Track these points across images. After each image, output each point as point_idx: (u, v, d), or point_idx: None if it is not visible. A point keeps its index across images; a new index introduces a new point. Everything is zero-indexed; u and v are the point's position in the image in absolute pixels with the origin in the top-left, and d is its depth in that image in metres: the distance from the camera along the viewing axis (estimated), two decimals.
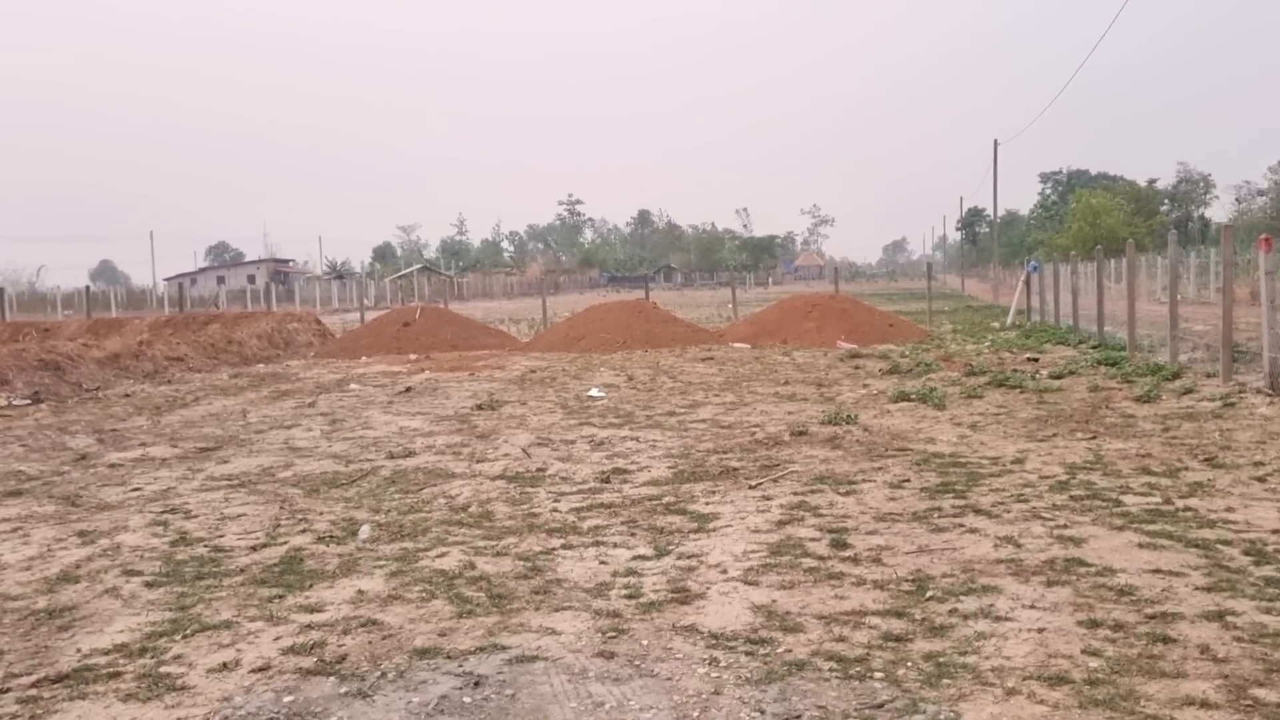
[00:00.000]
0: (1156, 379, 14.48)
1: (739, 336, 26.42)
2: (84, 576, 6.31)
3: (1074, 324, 24.97)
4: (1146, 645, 4.51)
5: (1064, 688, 4.08)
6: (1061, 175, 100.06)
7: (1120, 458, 9.06)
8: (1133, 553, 6.00)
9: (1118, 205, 67.87)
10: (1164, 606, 5.01)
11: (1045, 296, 30.32)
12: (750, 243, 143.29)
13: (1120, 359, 17.20)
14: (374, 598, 5.64)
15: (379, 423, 13.32)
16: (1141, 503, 7.29)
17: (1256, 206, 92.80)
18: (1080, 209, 67.44)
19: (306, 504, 8.31)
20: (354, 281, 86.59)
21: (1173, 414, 11.75)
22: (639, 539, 6.82)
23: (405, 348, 25.68)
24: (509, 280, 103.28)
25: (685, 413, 13.33)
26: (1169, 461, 8.82)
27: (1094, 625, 4.78)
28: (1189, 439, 9.92)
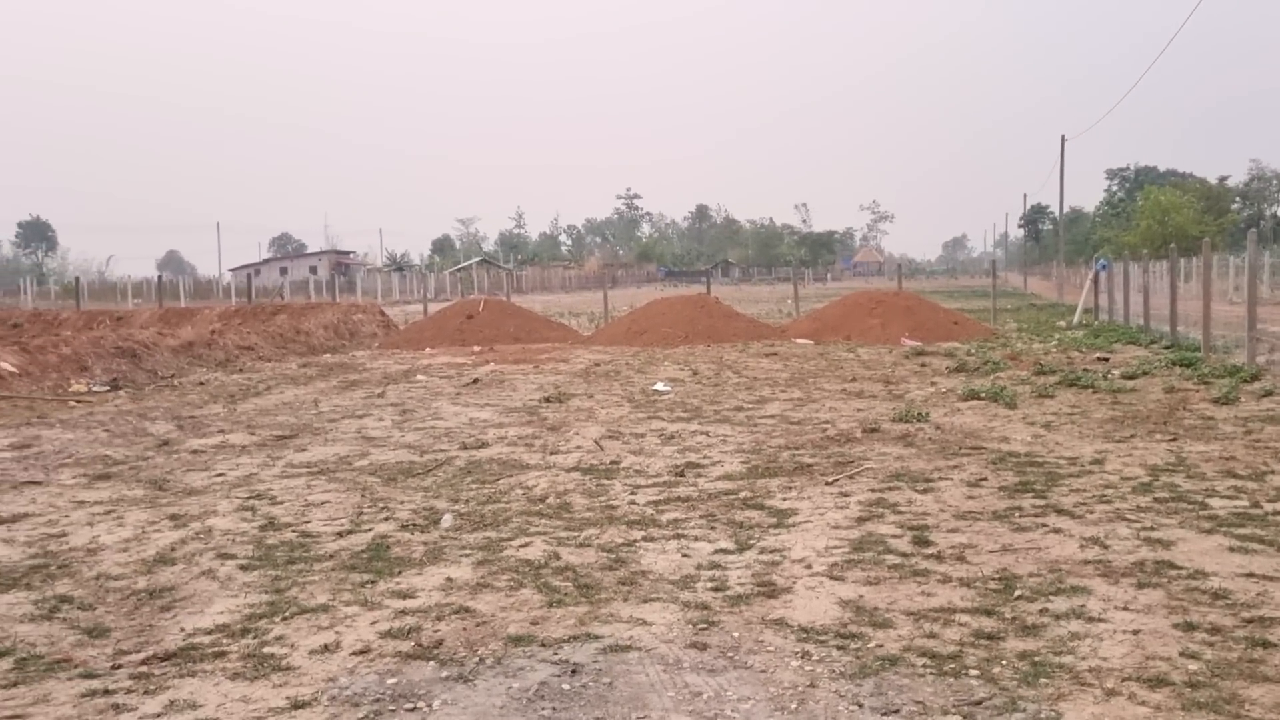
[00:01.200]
0: (1234, 381, 14.19)
1: (802, 332, 26.32)
2: (180, 559, 6.49)
3: (1145, 324, 24.54)
4: (1246, 649, 4.46)
5: (1164, 689, 4.06)
6: (1129, 172, 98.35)
7: (1203, 460, 8.92)
8: (1224, 556, 5.92)
9: (1187, 203, 66.50)
10: (1261, 611, 4.95)
11: (1114, 295, 29.82)
12: (809, 238, 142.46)
13: (1195, 360, 16.88)
14: (463, 585, 5.73)
15: (449, 414, 13.48)
16: (1229, 506, 7.18)
17: None
18: (1148, 206, 66.22)
19: (386, 493, 8.45)
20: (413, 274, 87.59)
21: (1254, 416, 11.52)
22: (719, 533, 6.86)
23: (469, 340, 25.92)
24: (566, 274, 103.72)
25: (753, 408, 13.34)
26: (1254, 465, 8.67)
27: (1190, 628, 4.74)
28: (1273, 442, 9.73)
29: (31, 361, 17.28)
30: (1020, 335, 26.35)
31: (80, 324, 30.31)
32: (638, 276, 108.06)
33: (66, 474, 9.61)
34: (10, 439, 11.74)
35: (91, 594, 5.83)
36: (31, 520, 7.68)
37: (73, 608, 5.59)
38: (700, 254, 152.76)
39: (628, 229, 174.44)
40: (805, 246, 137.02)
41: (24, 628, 5.27)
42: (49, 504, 8.26)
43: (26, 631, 5.21)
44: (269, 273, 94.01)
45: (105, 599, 5.76)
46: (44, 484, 9.15)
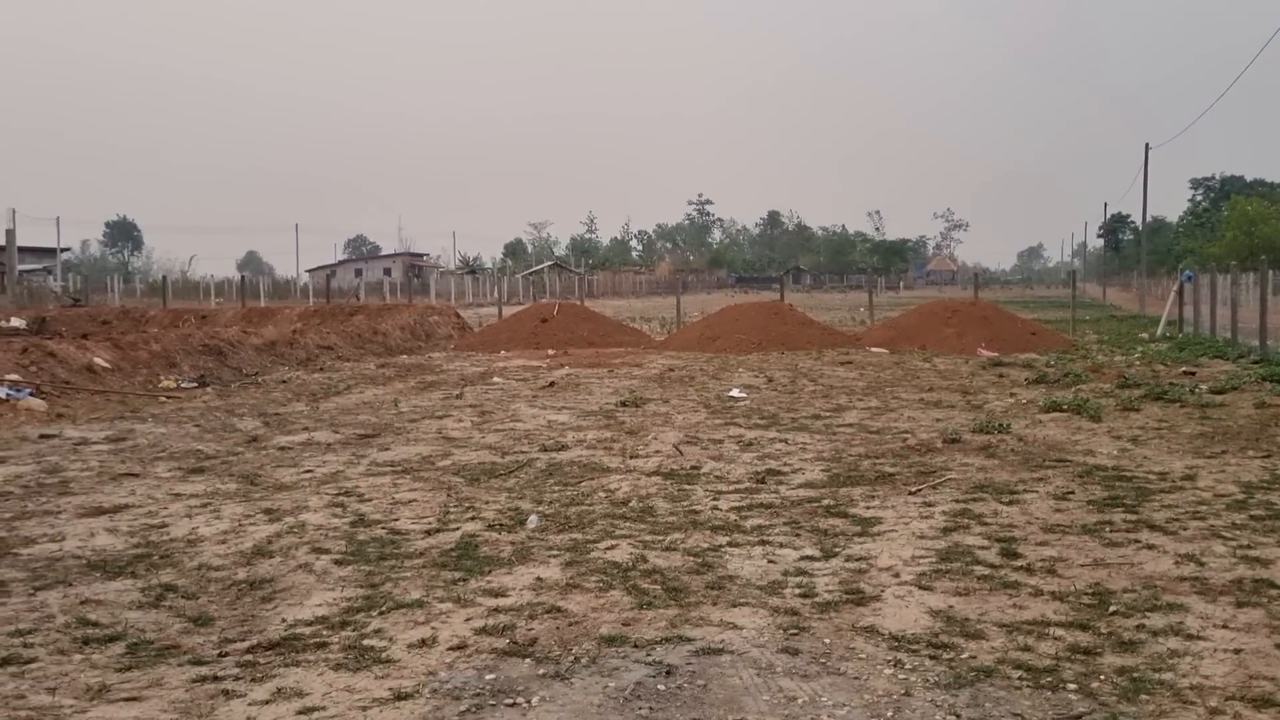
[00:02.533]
0: None
1: (876, 341, 26.12)
2: (276, 552, 6.67)
3: (1232, 337, 23.93)
4: None
5: (1270, 710, 3.99)
6: (1214, 181, 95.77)
7: None
8: None
9: (1276, 213, 64.59)
10: None
11: (1199, 308, 29.13)
12: (882, 246, 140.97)
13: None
14: (553, 585, 5.82)
15: (527, 416, 13.63)
16: None
17: None
18: (1235, 217, 64.43)
19: (471, 493, 8.59)
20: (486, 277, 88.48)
21: None
22: (804, 540, 6.87)
23: (543, 343, 26.14)
24: (637, 279, 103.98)
25: (830, 416, 13.29)
26: None
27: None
28: None
29: (123, 357, 17.82)
30: (1101, 347, 25.85)
31: (167, 321, 31.16)
32: (708, 282, 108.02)
33: (162, 467, 9.91)
34: (106, 432, 12.13)
35: (194, 583, 6.03)
36: (133, 511, 7.94)
37: (177, 596, 5.78)
38: (771, 260, 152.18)
39: (699, 235, 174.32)
40: (878, 254, 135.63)
41: (133, 614, 5.46)
42: (148, 495, 8.53)
43: (136, 618, 5.40)
44: (344, 274, 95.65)
45: (207, 588, 5.94)
46: (141, 476, 9.45)
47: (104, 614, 5.45)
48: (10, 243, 64.76)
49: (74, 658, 4.83)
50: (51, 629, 5.21)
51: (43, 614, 5.45)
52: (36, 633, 5.15)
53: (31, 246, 78.51)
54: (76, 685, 4.49)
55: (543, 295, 70.74)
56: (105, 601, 5.66)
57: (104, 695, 4.38)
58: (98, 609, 5.53)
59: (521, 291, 74.62)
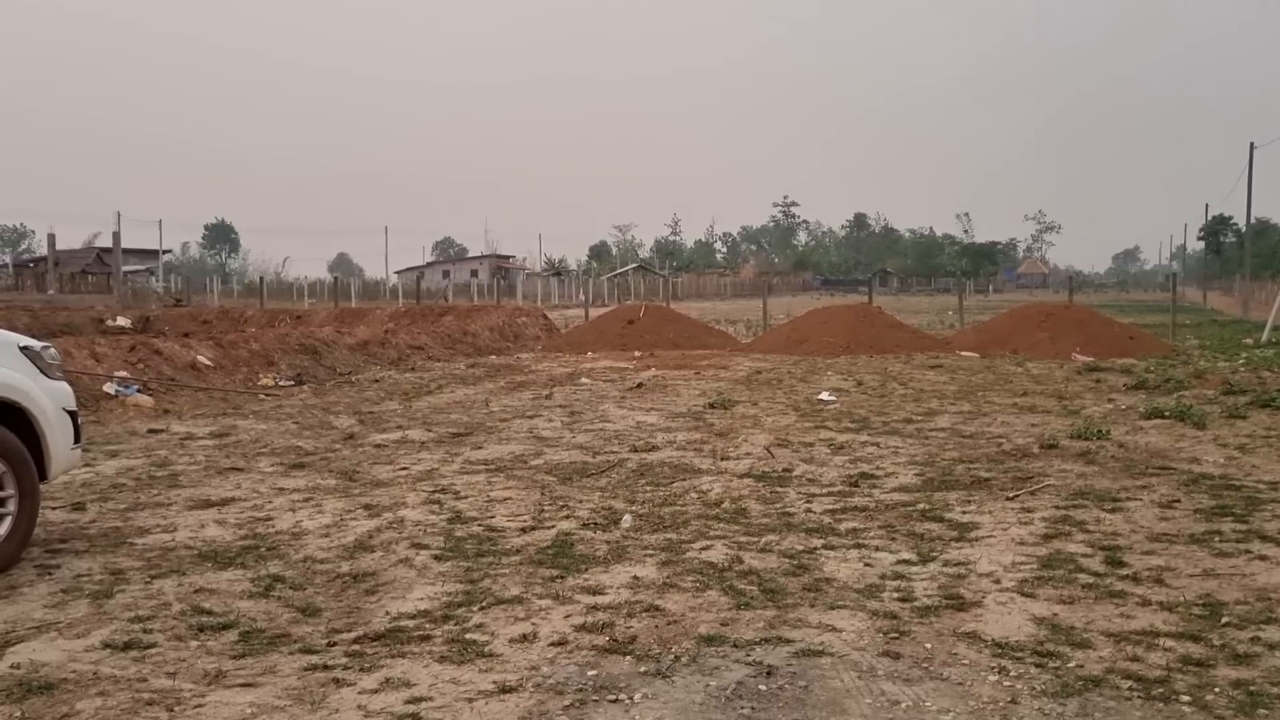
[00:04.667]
0: None
1: (967, 345, 25.70)
2: (378, 546, 6.82)
3: None
4: None
5: None
6: None
7: None
8: None
9: None
10: None
11: None
12: (971, 249, 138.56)
13: None
14: (649, 584, 5.85)
15: (616, 416, 13.70)
16: None
17: None
18: None
19: (564, 491, 8.67)
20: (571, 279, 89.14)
21: None
22: (900, 544, 6.80)
23: (629, 345, 26.24)
24: (722, 281, 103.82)
25: (922, 420, 13.12)
26: None
27: None
28: None
29: (225, 356, 18.36)
30: (1203, 353, 25.10)
31: (263, 321, 32.01)
32: (793, 285, 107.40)
33: (264, 462, 10.19)
34: (211, 428, 12.51)
35: (300, 575, 6.19)
36: (239, 504, 8.19)
37: (285, 587, 5.94)
38: (858, 263, 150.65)
39: (784, 237, 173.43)
40: (966, 257, 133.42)
41: (244, 604, 5.64)
42: (252, 490, 8.79)
43: (247, 607, 5.57)
44: (432, 275, 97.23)
45: (313, 580, 6.10)
46: (245, 471, 9.73)
47: (217, 603, 5.63)
48: (116, 245, 67.17)
49: (190, 644, 5.01)
50: (169, 616, 5.40)
51: (159, 601, 5.66)
52: (154, 619, 5.35)
53: (135, 248, 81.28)
54: (194, 671, 4.65)
55: (627, 297, 71.00)
56: (218, 590, 5.85)
57: (221, 681, 4.53)
58: (211, 598, 5.72)
59: (606, 293, 75.03)
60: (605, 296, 72.07)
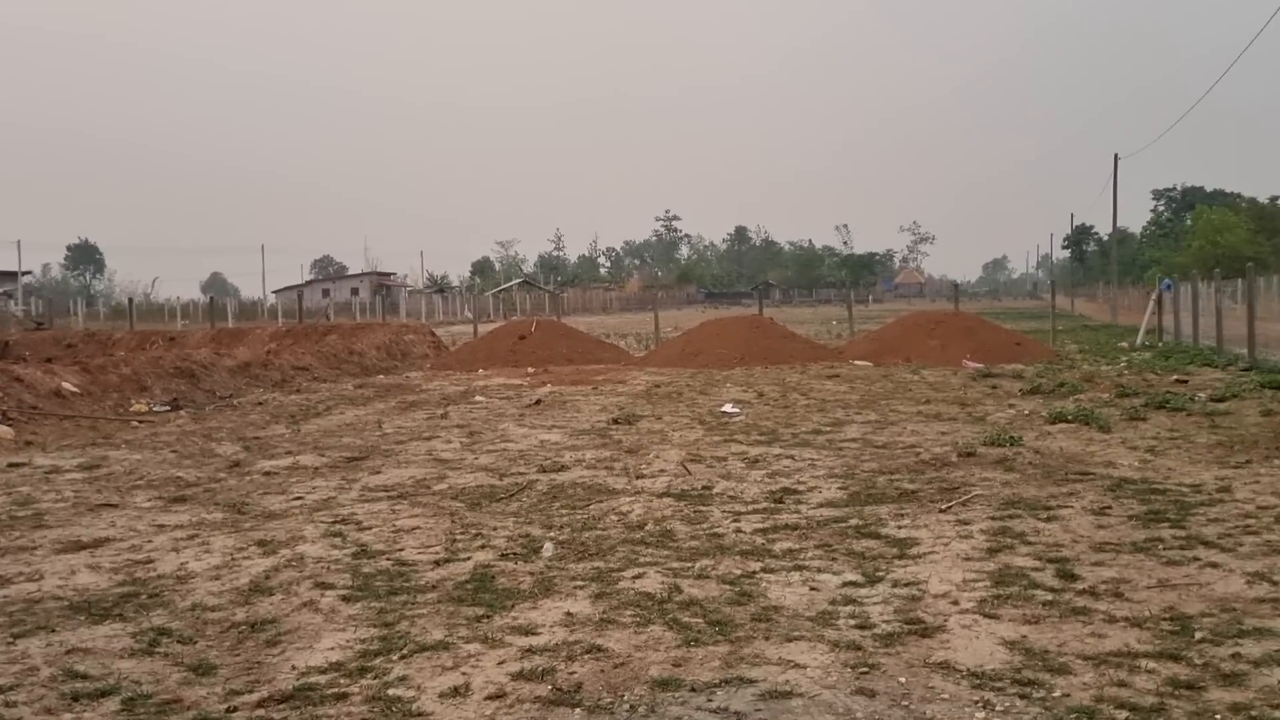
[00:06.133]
0: None
1: (860, 354, 25.81)
2: (276, 588, 6.16)
3: (1218, 345, 23.82)
4: None
5: None
6: (1175, 192, 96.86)
7: None
8: None
9: (1240, 223, 65.32)
10: None
11: (1179, 316, 29.09)
12: (850, 260, 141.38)
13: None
14: (585, 621, 5.35)
15: (517, 435, 13.15)
16: None
17: None
18: (1201, 226, 65.18)
19: (475, 518, 8.10)
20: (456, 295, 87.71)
21: None
22: (841, 563, 6.44)
23: (521, 361, 25.63)
24: (608, 295, 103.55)
25: (831, 431, 12.90)
26: None
27: None
28: None
29: (92, 381, 17.16)
30: (1084, 357, 25.70)
31: (134, 344, 30.37)
32: (678, 298, 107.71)
33: (141, 496, 9.35)
34: (79, 460, 11.53)
35: (190, 626, 5.50)
36: (114, 545, 7.39)
37: (173, 641, 5.26)
38: (740, 275, 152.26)
39: (667, 251, 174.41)
40: (846, 268, 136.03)
41: (126, 663, 4.93)
42: (129, 528, 7.98)
43: (129, 668, 4.87)
44: (311, 294, 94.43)
45: (205, 632, 5.42)
46: (120, 507, 8.88)
47: (93, 664, 4.92)
48: None
49: (63, 717, 4.31)
50: (36, 683, 4.67)
51: (25, 666, 4.91)
52: (19, 689, 4.61)
53: None
54: None
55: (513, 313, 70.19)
56: (93, 649, 5.12)
57: None
58: (86, 658, 4.99)
59: (492, 309, 73.99)
60: (491, 312, 71.06)
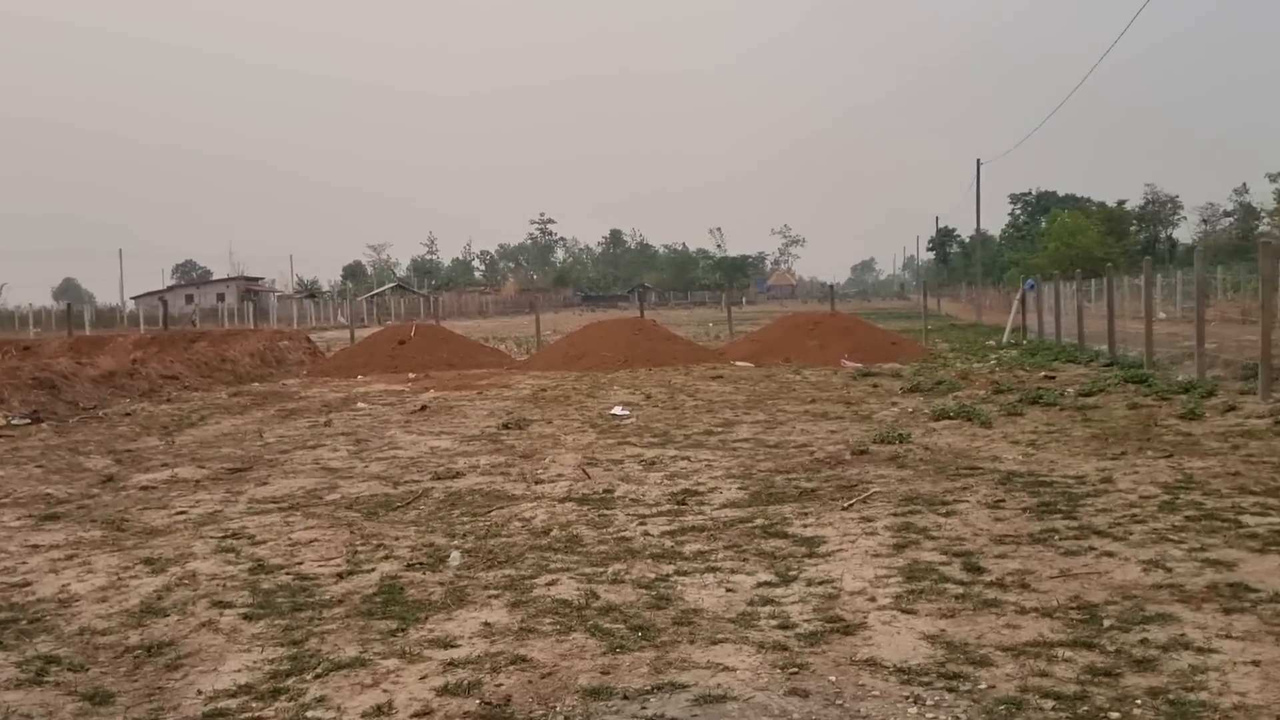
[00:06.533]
0: (1194, 396, 14.29)
1: (741, 355, 26.13)
2: (170, 609, 5.84)
3: (1079, 342, 24.86)
4: None
5: None
6: (1031, 196, 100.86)
7: (1211, 476, 8.80)
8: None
9: (1092, 225, 68.51)
10: None
11: (1043, 315, 30.28)
12: (724, 262, 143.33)
13: (1147, 376, 17.02)
14: (505, 631, 5.22)
15: (406, 442, 12.87)
16: (1265, 523, 7.01)
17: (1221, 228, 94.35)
18: (1056, 229, 68.08)
19: (374, 528, 7.86)
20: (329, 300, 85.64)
21: (1230, 431, 11.53)
22: (753, 564, 6.45)
23: (401, 366, 25.15)
24: (484, 299, 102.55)
25: (723, 431, 12.99)
26: (1263, 480, 8.56)
27: None
28: (1267, 457, 9.69)
29: None
30: (956, 355, 26.52)
31: None
32: (555, 301, 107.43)
33: (8, 515, 8.80)
34: None
35: (79, 652, 5.17)
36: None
37: (62, 669, 4.92)
38: (616, 278, 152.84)
39: (542, 254, 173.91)
40: (720, 270, 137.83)
41: (12, 695, 4.60)
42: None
43: (17, 700, 4.54)
44: (175, 300, 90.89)
45: (97, 657, 5.10)
46: None
47: None
48: None
49: None
50: None
51: None
52: None
53: None
54: None
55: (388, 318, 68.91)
56: None
57: None
58: None
59: (366, 315, 72.48)
60: (365, 318, 69.58)
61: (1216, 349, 18.66)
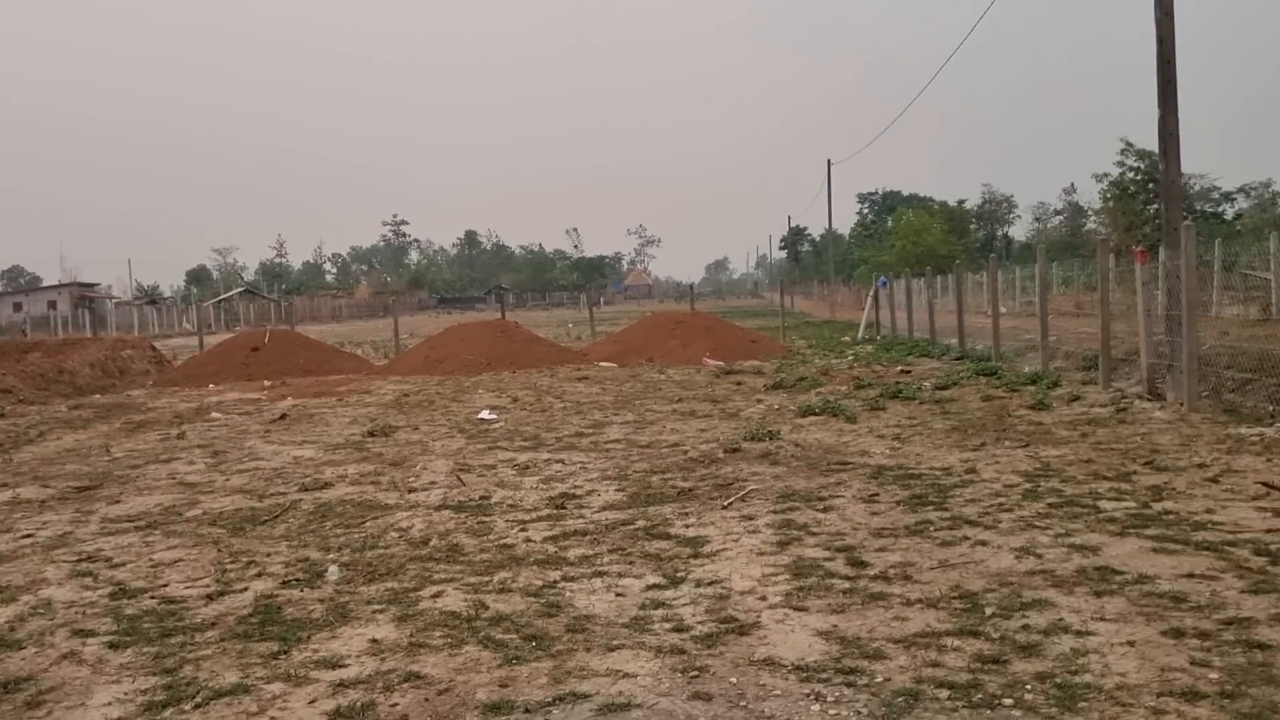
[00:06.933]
0: (1041, 387, 14.96)
1: (604, 355, 26.18)
2: (26, 640, 5.46)
3: (931, 336, 25.74)
4: (1246, 652, 4.43)
5: (1204, 704, 3.94)
6: (877, 196, 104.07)
7: (1066, 464, 9.20)
8: (1154, 559, 6.00)
9: (936, 224, 71.07)
10: (1229, 612, 4.97)
11: (895, 311, 31.25)
12: (581, 263, 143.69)
13: (996, 369, 17.76)
14: (394, 647, 5.05)
15: (267, 453, 12.42)
16: (1121, 507, 7.36)
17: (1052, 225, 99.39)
18: (902, 227, 70.35)
19: (243, 544, 7.54)
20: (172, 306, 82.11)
21: (1078, 420, 12.11)
22: (639, 567, 6.43)
23: (256, 374, 24.34)
24: (337, 303, 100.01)
25: (594, 433, 12.96)
26: (1114, 466, 9.00)
27: (1179, 635, 4.69)
28: (1115, 444, 10.19)
29: None
30: (814, 352, 27.13)
31: None
32: (410, 304, 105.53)
33: None
34: None
35: None
36: None
37: None
38: (472, 280, 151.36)
39: (396, 256, 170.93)
40: (578, 271, 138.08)
41: None
42: None
43: None
44: (1, 308, 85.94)
45: None
46: None
47: None
48: None
49: None
50: None
51: None
52: None
53: None
54: None
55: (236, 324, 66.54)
56: None
57: None
58: None
59: (214, 320, 69.79)
60: (213, 323, 67.00)
61: (1057, 341, 19.55)
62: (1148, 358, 14.06)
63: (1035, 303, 33.92)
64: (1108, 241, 15.71)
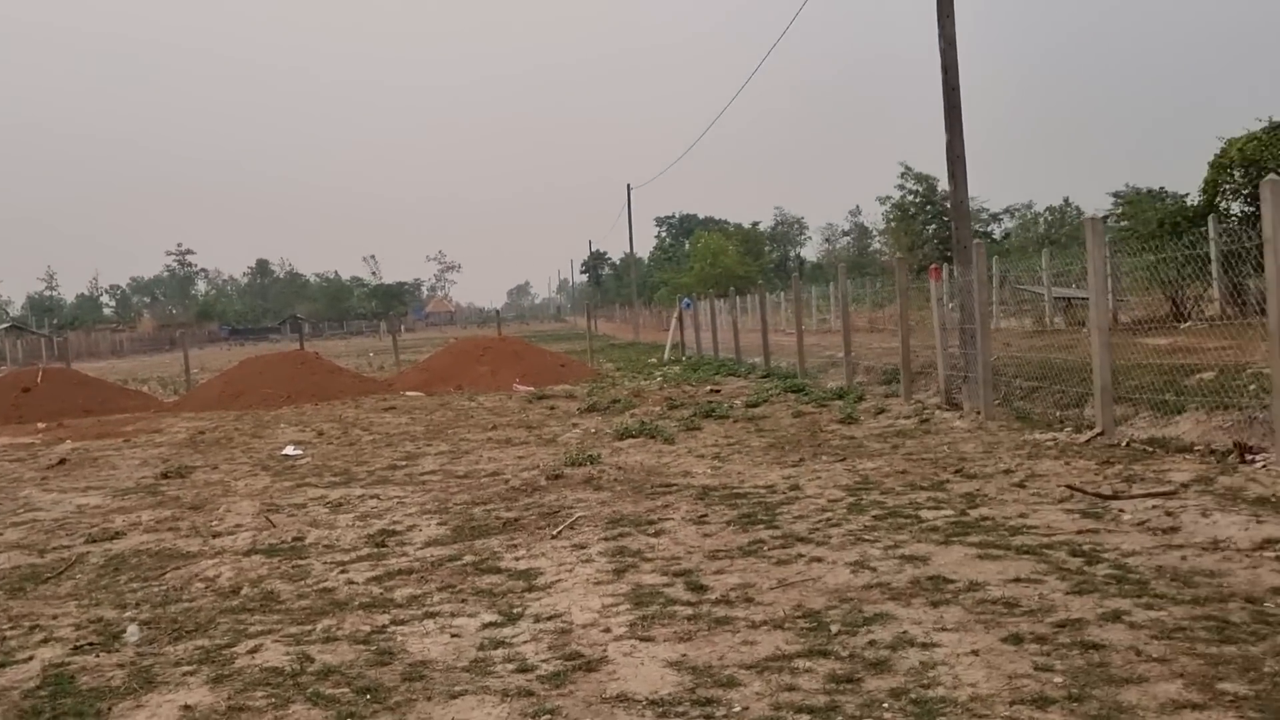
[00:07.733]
0: (849, 402, 15.43)
1: (411, 384, 25.51)
2: None
3: (736, 355, 26.27)
4: (1084, 654, 4.55)
5: (1054, 709, 3.99)
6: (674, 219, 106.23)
7: (884, 476, 9.43)
8: (979, 565, 6.15)
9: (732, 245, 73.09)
10: (1059, 615, 5.11)
11: (699, 332, 31.78)
12: (380, 290, 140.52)
13: (803, 386, 18.23)
14: (210, 712, 4.58)
15: (46, 502, 11.40)
16: (941, 516, 7.56)
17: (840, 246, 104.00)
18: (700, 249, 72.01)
19: (23, 607, 6.79)
20: None
21: (886, 432, 12.51)
22: (472, 605, 6.13)
23: (28, 416, 22.49)
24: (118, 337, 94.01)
25: (407, 465, 12.52)
26: (928, 476, 9.29)
27: (1017, 641, 4.77)
28: (924, 454, 10.54)
29: None
30: (623, 374, 27.25)
31: None
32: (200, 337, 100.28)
33: None
34: None
35: None
36: None
37: None
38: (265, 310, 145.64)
39: (182, 287, 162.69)
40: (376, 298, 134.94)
41: None
42: None
43: None
44: None
45: None
46: None
47: None
48: None
49: None
50: None
51: None
52: None
53: None
54: None
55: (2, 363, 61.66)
56: None
57: None
58: None
59: None
60: None
61: (857, 357, 20.28)
62: (944, 370, 14.71)
63: (829, 320, 35.15)
64: (905, 260, 16.38)
